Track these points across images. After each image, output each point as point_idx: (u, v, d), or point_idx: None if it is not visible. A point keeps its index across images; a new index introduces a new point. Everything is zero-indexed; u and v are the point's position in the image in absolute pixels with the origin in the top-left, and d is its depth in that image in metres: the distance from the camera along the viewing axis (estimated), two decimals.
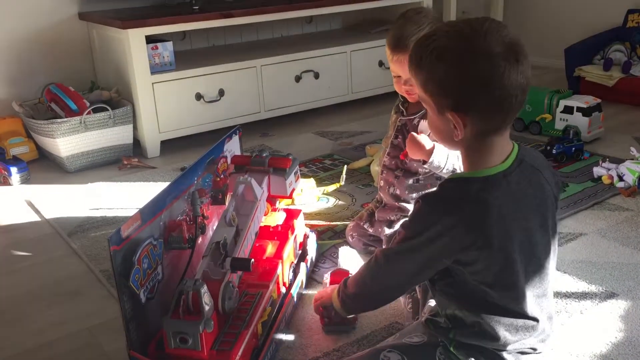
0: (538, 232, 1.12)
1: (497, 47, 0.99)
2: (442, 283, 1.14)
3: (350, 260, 1.71)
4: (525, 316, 1.11)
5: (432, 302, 1.35)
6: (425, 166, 1.62)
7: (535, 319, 1.12)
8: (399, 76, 1.66)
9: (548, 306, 1.16)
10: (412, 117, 1.71)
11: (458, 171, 1.62)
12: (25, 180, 2.60)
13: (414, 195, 1.72)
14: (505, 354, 1.12)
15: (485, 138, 1.07)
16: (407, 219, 1.18)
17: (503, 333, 1.10)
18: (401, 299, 1.55)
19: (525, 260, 1.09)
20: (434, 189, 1.16)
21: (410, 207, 1.73)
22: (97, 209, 2.28)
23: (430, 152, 1.56)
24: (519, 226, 1.08)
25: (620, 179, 2.22)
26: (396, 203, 1.75)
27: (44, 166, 2.77)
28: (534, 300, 1.12)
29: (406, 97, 1.71)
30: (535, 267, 1.12)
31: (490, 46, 0.99)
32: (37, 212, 2.30)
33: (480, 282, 1.08)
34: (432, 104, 1.08)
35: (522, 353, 1.14)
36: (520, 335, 1.11)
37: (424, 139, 1.56)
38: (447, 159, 1.57)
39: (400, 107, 1.76)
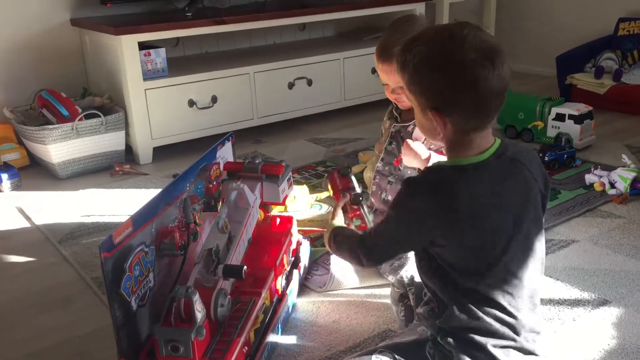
0: (517, 223, 1.14)
1: (473, 53, 1.05)
2: (423, 264, 1.20)
3: (343, 267, 1.70)
4: (502, 308, 1.12)
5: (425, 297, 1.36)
6: None
7: (512, 314, 1.13)
8: (387, 84, 1.67)
9: (529, 301, 1.16)
10: (407, 124, 1.71)
11: None
12: (16, 187, 2.58)
13: None
14: (490, 347, 1.12)
15: (465, 135, 1.13)
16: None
17: (478, 322, 1.12)
18: (393, 307, 1.54)
19: (498, 250, 1.12)
20: (418, 174, 1.25)
21: None
22: (89, 216, 2.27)
23: (426, 161, 1.55)
24: (491, 217, 1.12)
25: (612, 186, 2.23)
26: (387, 208, 1.74)
27: (35, 173, 2.76)
28: (512, 292, 1.13)
29: (396, 103, 1.72)
30: (511, 259, 1.13)
31: (467, 53, 1.05)
32: (27, 218, 2.28)
33: (450, 266, 1.13)
34: (416, 103, 1.15)
35: (508, 348, 1.14)
36: (498, 325, 1.12)
37: (420, 148, 1.56)
38: None
39: (394, 112, 1.76)
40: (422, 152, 1.56)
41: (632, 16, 3.53)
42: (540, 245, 1.20)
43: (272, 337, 1.45)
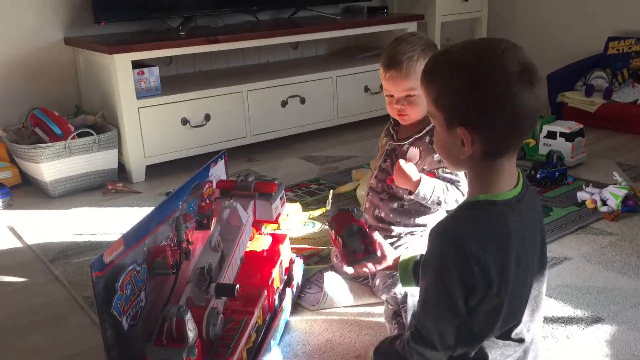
0: (539, 255, 1.13)
1: (513, 66, 1.00)
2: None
3: (336, 285, 1.70)
4: (513, 338, 1.11)
5: None
6: (410, 197, 1.62)
7: (522, 340, 1.12)
8: (392, 95, 1.66)
9: (537, 328, 1.16)
10: (402, 142, 1.71)
11: (444, 204, 1.62)
12: (7, 206, 2.57)
13: (398, 219, 1.72)
14: None
15: (494, 160, 1.05)
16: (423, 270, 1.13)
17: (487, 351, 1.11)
18: (387, 325, 1.54)
19: (526, 284, 1.10)
20: (445, 216, 1.13)
21: (394, 228, 1.73)
22: (81, 235, 2.26)
23: (416, 184, 1.56)
24: (526, 250, 1.08)
25: (604, 203, 2.24)
26: (380, 224, 1.74)
27: (27, 191, 2.74)
28: (527, 321, 1.12)
29: (398, 119, 1.71)
30: (534, 289, 1.13)
31: (507, 64, 0.99)
32: (19, 237, 2.27)
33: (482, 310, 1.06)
34: (442, 119, 1.06)
35: None
36: (503, 351, 1.12)
37: (411, 170, 1.56)
38: (433, 191, 1.58)
39: (391, 130, 1.77)
40: (412, 174, 1.56)
41: (621, 35, 3.57)
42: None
43: (265, 357, 1.44)
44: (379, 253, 1.39)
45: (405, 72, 1.61)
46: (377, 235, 1.42)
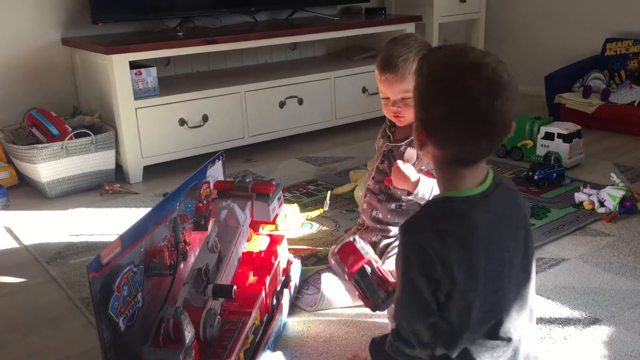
0: (519, 252, 1.13)
1: (481, 83, 1.00)
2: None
3: (334, 286, 1.70)
4: (501, 337, 1.11)
5: None
6: (409, 197, 1.62)
7: (510, 339, 1.12)
8: (387, 97, 1.66)
9: (525, 326, 1.16)
10: (399, 144, 1.71)
11: None
12: (4, 207, 2.56)
13: (396, 220, 1.72)
14: None
15: (450, 166, 1.09)
16: (395, 262, 1.15)
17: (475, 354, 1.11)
18: (390, 323, 1.53)
19: (504, 280, 1.10)
20: (413, 214, 1.15)
21: (392, 228, 1.73)
22: (78, 236, 2.25)
23: (415, 184, 1.55)
24: (500, 246, 1.09)
25: (602, 204, 2.24)
26: (377, 225, 1.74)
27: (24, 192, 2.74)
28: (513, 320, 1.12)
29: (394, 120, 1.71)
30: (517, 287, 1.13)
31: (477, 81, 1.00)
32: (16, 238, 2.26)
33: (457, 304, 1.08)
34: (414, 111, 1.11)
35: None
36: (492, 353, 1.11)
37: (410, 171, 1.56)
38: (432, 191, 1.57)
39: (387, 131, 1.76)
40: (411, 175, 1.55)
41: (618, 37, 3.58)
42: (534, 276, 1.17)
43: (262, 358, 1.43)
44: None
45: (400, 75, 1.60)
46: (386, 267, 1.43)
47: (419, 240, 1.05)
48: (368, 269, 1.33)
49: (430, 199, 1.14)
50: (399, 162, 1.58)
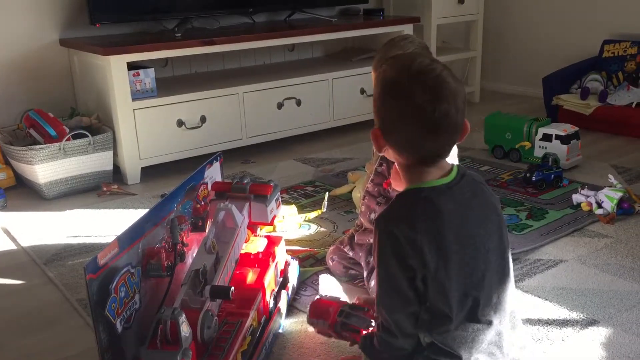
0: (492, 238, 1.16)
1: (426, 93, 1.06)
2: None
3: (331, 288, 1.70)
4: (480, 320, 1.13)
5: None
6: None
7: (490, 322, 1.14)
8: None
9: (504, 311, 1.17)
10: None
11: None
12: (2, 208, 2.56)
13: None
14: None
15: (418, 166, 1.14)
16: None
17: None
18: None
19: (478, 264, 1.13)
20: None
21: None
22: (75, 237, 2.25)
23: None
24: (469, 232, 1.12)
25: (599, 206, 2.24)
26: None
27: (22, 193, 2.73)
28: (494, 303, 1.15)
29: None
30: (493, 270, 1.15)
31: (422, 90, 1.06)
32: (13, 239, 2.26)
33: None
34: None
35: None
36: (474, 337, 1.13)
37: None
38: None
39: None
40: None
41: (616, 38, 3.58)
42: (509, 263, 1.20)
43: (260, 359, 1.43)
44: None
45: None
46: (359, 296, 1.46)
47: (390, 228, 1.10)
48: (346, 308, 1.36)
49: (400, 192, 1.18)
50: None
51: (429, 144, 1.10)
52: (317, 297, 1.44)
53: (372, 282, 1.64)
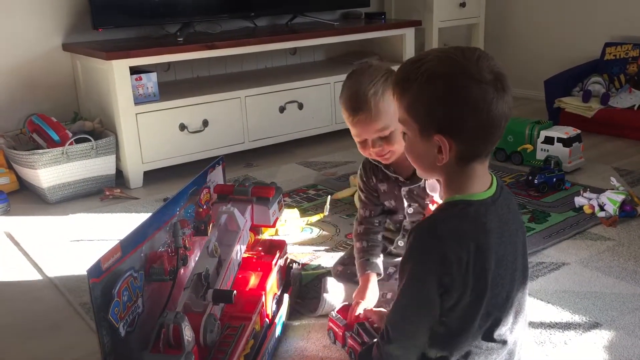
0: (519, 256, 1.14)
1: (487, 74, 1.02)
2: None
3: (334, 291, 1.70)
4: (496, 340, 1.12)
5: None
6: None
7: (505, 342, 1.13)
8: (365, 140, 1.52)
9: (520, 331, 1.17)
10: (417, 183, 1.60)
11: None
12: (5, 212, 2.56)
13: None
14: None
15: (467, 164, 1.08)
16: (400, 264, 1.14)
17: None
18: None
19: (506, 284, 1.11)
20: (428, 217, 1.15)
21: None
22: (78, 241, 2.25)
23: None
24: (505, 250, 1.10)
25: (602, 208, 2.24)
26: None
27: (25, 197, 2.74)
28: (510, 323, 1.14)
29: (380, 160, 1.57)
30: (516, 291, 1.14)
31: (482, 73, 1.02)
32: (16, 244, 2.26)
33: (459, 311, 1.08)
34: (417, 128, 1.08)
35: None
36: (487, 355, 1.12)
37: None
38: None
39: (388, 172, 1.63)
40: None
41: (618, 41, 3.58)
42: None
43: None
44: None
45: (375, 112, 1.45)
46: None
47: (436, 242, 1.05)
48: (367, 324, 1.43)
49: (444, 201, 1.13)
50: (435, 198, 1.44)
51: (496, 135, 1.06)
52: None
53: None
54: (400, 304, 1.12)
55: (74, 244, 2.23)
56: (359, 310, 1.48)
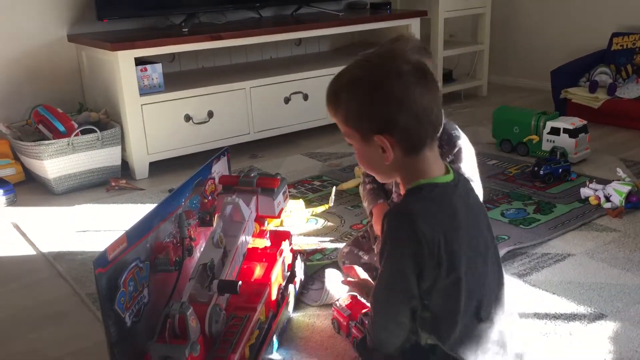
0: (487, 237, 1.18)
1: (405, 65, 1.07)
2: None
3: (336, 281, 1.70)
4: (483, 319, 1.14)
5: None
6: None
7: (492, 320, 1.15)
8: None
9: (501, 311, 1.18)
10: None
11: None
12: (11, 203, 2.58)
13: None
14: None
15: (417, 154, 1.11)
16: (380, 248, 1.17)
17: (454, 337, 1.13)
18: None
19: (481, 266, 1.14)
20: (399, 202, 1.20)
21: None
22: (84, 231, 2.26)
23: None
24: (474, 230, 1.14)
25: (607, 199, 2.23)
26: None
27: (31, 188, 2.75)
28: (492, 302, 1.16)
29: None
30: (490, 271, 1.17)
31: (400, 66, 1.07)
32: (23, 234, 2.28)
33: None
34: (358, 135, 1.13)
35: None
36: (477, 338, 1.14)
37: None
38: None
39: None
40: None
41: (625, 31, 3.56)
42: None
43: (267, 353, 1.44)
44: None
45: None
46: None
47: (405, 223, 1.08)
48: None
49: (410, 186, 1.16)
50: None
51: (433, 120, 1.09)
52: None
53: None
54: (380, 286, 1.16)
55: (80, 235, 2.24)
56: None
